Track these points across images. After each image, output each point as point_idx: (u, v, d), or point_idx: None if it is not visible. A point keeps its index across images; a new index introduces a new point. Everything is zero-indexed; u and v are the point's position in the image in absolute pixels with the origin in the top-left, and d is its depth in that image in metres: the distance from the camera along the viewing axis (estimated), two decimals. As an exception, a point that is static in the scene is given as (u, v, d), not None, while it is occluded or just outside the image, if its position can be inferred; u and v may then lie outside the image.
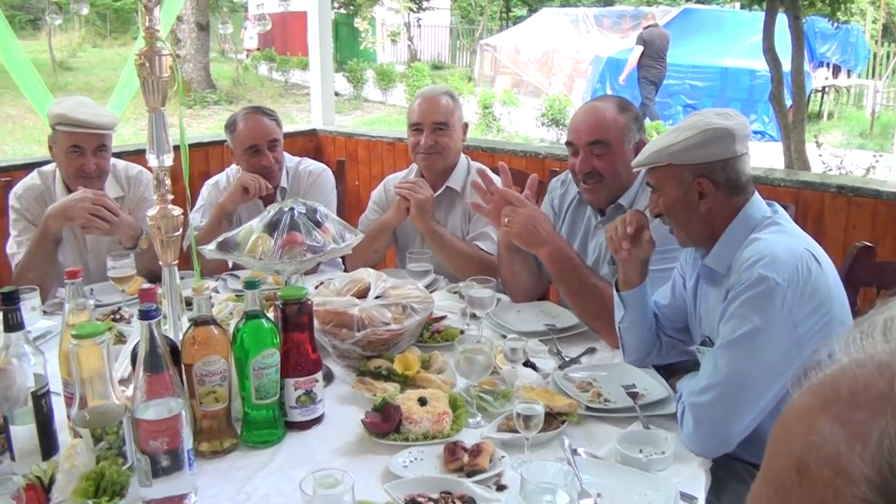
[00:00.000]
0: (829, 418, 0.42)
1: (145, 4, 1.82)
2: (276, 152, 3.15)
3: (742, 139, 1.83)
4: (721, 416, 1.65)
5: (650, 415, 1.84)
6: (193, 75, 16.58)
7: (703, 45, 14.12)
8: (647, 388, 1.95)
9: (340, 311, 2.14)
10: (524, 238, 2.39)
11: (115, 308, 2.62)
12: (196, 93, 16.36)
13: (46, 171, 3.02)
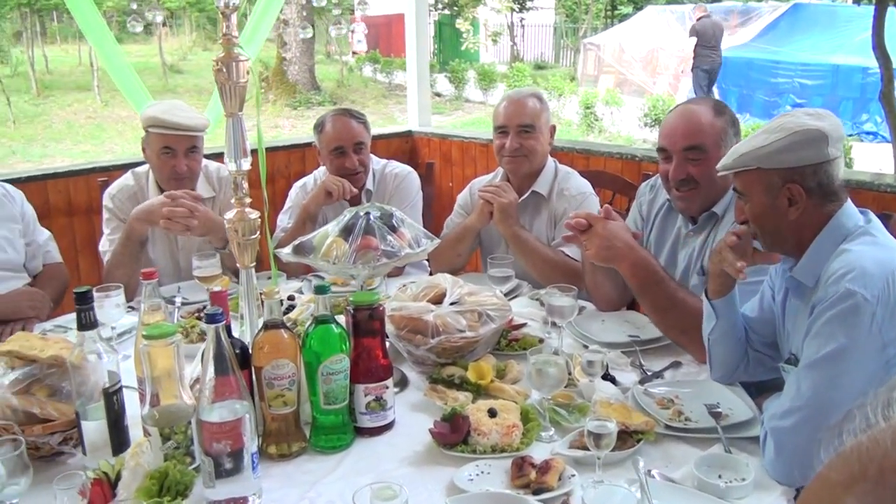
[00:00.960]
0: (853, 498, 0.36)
1: (223, 11, 1.83)
2: (361, 155, 3.15)
3: (835, 141, 1.70)
4: (804, 442, 1.53)
5: (733, 437, 1.73)
6: (298, 77, 16.98)
7: (813, 41, 13.47)
8: (732, 408, 1.84)
9: (415, 316, 2.11)
10: (602, 256, 2.30)
11: (201, 307, 2.67)
12: (301, 94, 16.75)
13: (140, 172, 3.12)
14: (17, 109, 15.54)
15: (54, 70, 20.23)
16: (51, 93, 17.87)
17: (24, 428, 1.69)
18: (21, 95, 17.12)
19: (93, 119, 15.67)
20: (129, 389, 1.84)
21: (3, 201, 2.89)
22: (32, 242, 2.95)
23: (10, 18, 19.02)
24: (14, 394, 1.75)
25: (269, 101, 16.60)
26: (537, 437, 1.77)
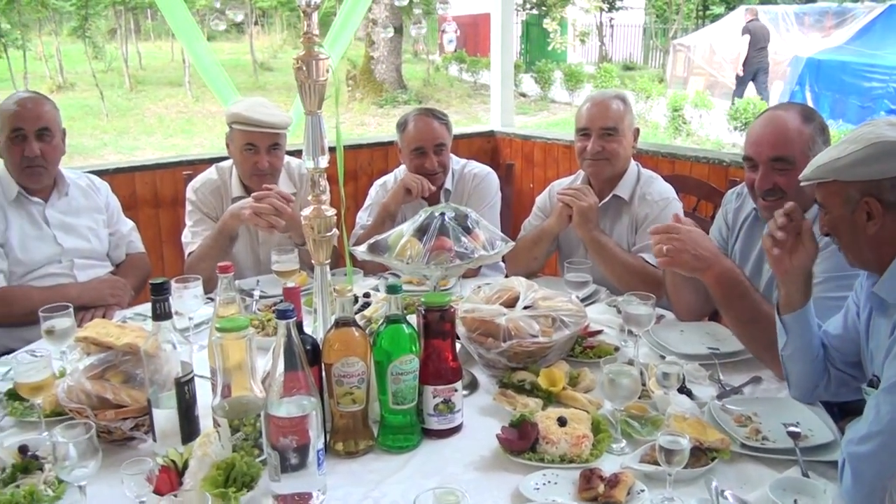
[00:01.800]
0: None
1: (304, 10, 1.84)
2: (441, 156, 3.14)
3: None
4: (883, 470, 1.43)
5: (811, 460, 1.65)
6: (385, 76, 17.15)
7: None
8: (812, 430, 1.75)
9: (487, 319, 2.08)
10: (684, 264, 2.21)
11: (278, 300, 2.70)
12: (387, 93, 16.91)
13: (223, 167, 3.18)
14: (109, 103, 16.14)
15: (147, 66, 20.95)
16: (143, 88, 18.51)
17: (98, 412, 1.74)
18: (114, 90, 17.79)
19: (184, 114, 16.17)
20: (203, 379, 1.87)
21: (88, 192, 2.99)
22: (116, 232, 3.05)
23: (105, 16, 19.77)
24: (89, 379, 1.80)
25: (356, 99, 16.83)
26: (608, 448, 1.72)
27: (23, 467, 1.67)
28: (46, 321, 2.08)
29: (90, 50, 18.55)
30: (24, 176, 2.77)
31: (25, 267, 2.77)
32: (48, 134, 2.75)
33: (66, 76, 18.27)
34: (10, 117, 2.73)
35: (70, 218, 2.90)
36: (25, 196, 2.81)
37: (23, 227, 2.79)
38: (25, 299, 2.63)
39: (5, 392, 1.96)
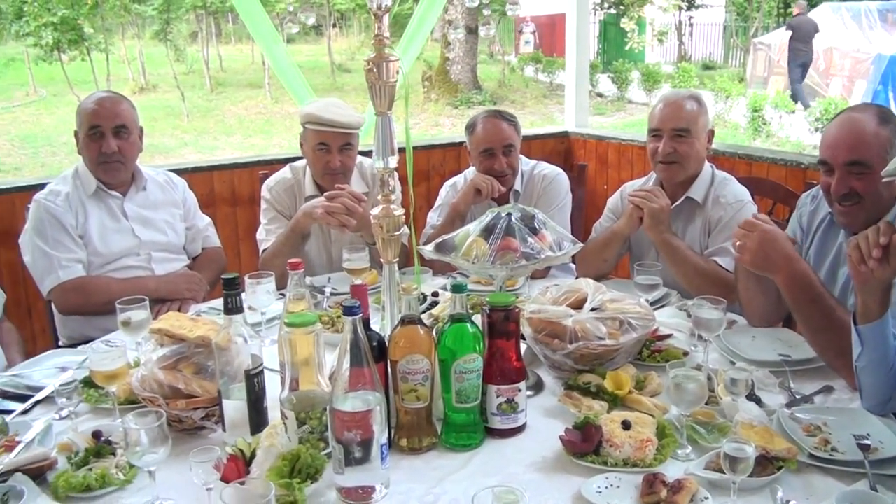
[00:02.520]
0: None
1: (375, 13, 1.87)
2: (510, 157, 3.14)
3: None
4: None
5: (881, 473, 1.59)
6: (461, 77, 17.21)
7: None
8: (883, 442, 1.68)
9: (554, 320, 2.08)
10: (757, 262, 2.16)
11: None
12: (462, 94, 16.97)
13: (297, 167, 3.25)
14: (190, 104, 16.61)
15: (228, 68, 21.48)
16: (223, 89, 18.98)
17: (170, 401, 1.80)
18: (195, 91, 18.29)
19: (263, 115, 16.53)
20: (272, 373, 1.91)
21: (166, 188, 3.10)
22: (193, 227, 3.15)
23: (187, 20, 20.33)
24: (162, 369, 1.86)
25: (431, 99, 16.94)
26: (672, 454, 1.69)
27: (95, 451, 1.74)
28: (123, 313, 2.16)
29: (172, 53, 19.11)
30: (102, 171, 2.88)
31: (104, 258, 2.88)
32: (125, 131, 2.85)
33: (149, 78, 18.89)
34: (88, 115, 2.84)
35: (148, 212, 3.01)
36: (104, 190, 2.92)
37: (102, 220, 2.90)
38: (104, 289, 2.74)
39: (81, 380, 2.05)
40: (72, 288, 2.78)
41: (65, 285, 2.77)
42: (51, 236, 2.80)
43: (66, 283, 2.77)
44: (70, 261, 2.80)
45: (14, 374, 2.21)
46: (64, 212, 2.83)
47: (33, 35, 14.17)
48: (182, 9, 18.38)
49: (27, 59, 16.77)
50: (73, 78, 14.64)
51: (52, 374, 2.15)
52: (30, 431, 1.83)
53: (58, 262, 2.77)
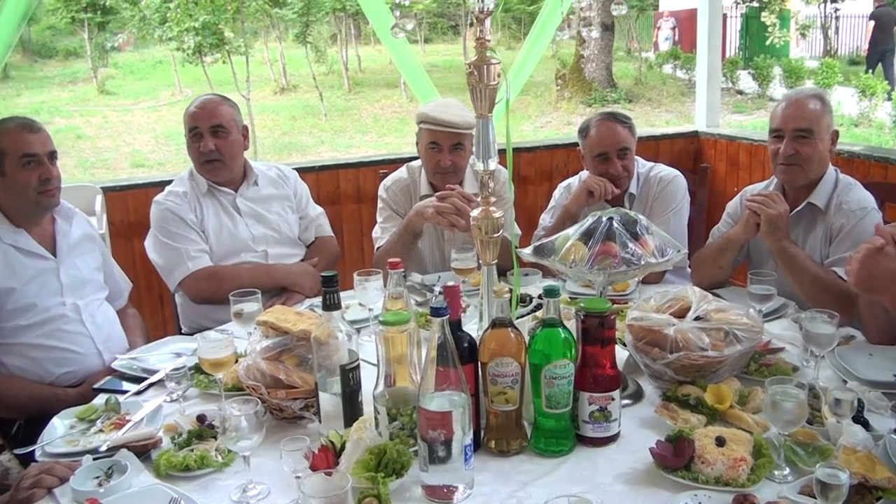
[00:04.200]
0: None
1: (476, 16, 1.87)
2: (625, 160, 3.07)
3: None
4: None
5: None
6: (595, 75, 16.93)
7: None
8: None
9: (655, 328, 2.02)
10: (860, 283, 1.98)
11: (456, 297, 2.76)
12: (596, 92, 16.69)
13: (414, 167, 3.30)
14: (328, 104, 17.13)
15: (366, 69, 22.02)
16: (361, 89, 19.47)
17: (271, 391, 1.88)
18: (334, 91, 18.85)
19: (398, 114, 16.85)
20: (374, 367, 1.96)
21: (277, 182, 3.22)
22: (305, 216, 3.25)
23: (328, 22, 20.95)
24: (265, 359, 1.95)
25: (564, 98, 16.76)
26: (768, 475, 1.62)
27: (198, 434, 1.84)
28: (236, 304, 2.28)
29: (312, 54, 19.78)
30: (205, 170, 3.02)
31: (222, 254, 3.01)
32: (222, 130, 2.96)
33: (290, 79, 19.62)
34: (189, 117, 2.99)
35: (260, 206, 3.12)
36: (216, 187, 3.06)
37: (218, 217, 3.03)
38: (234, 276, 2.85)
39: (193, 366, 2.16)
40: (204, 276, 2.91)
41: (196, 274, 2.90)
42: (175, 232, 2.95)
43: (198, 272, 2.90)
44: (198, 251, 2.94)
45: (132, 357, 2.38)
46: (184, 209, 2.98)
47: (176, 39, 14.96)
48: (321, 12, 18.97)
49: (173, 61, 17.81)
50: (215, 79, 15.42)
51: (166, 359, 2.30)
52: (140, 411, 1.96)
53: (186, 254, 2.91)
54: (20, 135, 2.50)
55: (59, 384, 2.48)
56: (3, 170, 2.48)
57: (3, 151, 2.48)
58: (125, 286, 2.96)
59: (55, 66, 23.66)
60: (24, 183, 2.49)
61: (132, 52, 23.98)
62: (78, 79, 21.01)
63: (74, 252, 2.67)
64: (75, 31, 21.58)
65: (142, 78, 21.36)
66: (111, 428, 1.90)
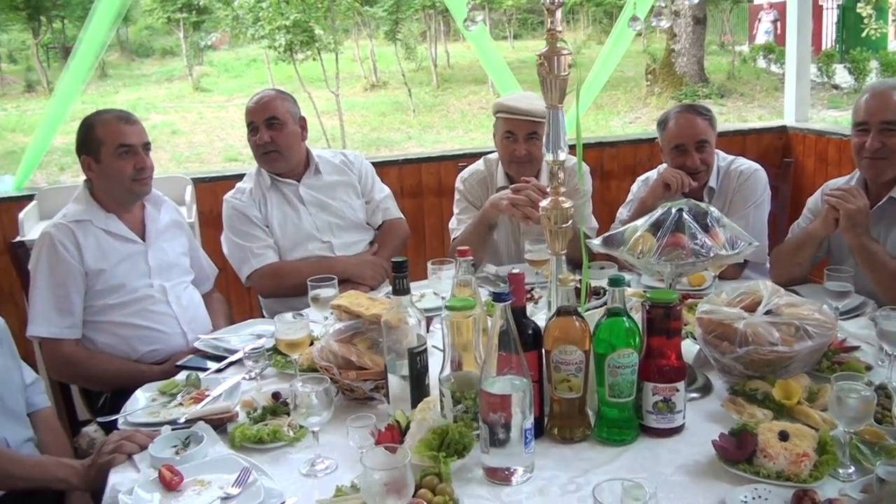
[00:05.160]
0: None
1: (548, 8, 1.90)
2: (704, 153, 3.03)
3: None
4: None
5: None
6: (686, 69, 16.60)
7: None
8: None
9: (725, 322, 2.00)
10: None
11: (529, 289, 2.79)
12: (687, 87, 16.37)
13: (491, 159, 3.33)
14: (417, 100, 17.32)
15: (455, 65, 22.14)
16: (449, 85, 19.60)
17: (343, 371, 1.95)
18: (422, 88, 19.03)
19: (485, 109, 16.89)
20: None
21: (341, 168, 3.27)
22: (371, 200, 3.30)
23: (418, 19, 21.16)
24: (337, 342, 2.02)
25: (654, 93, 16.50)
26: (832, 472, 1.59)
27: (272, 410, 1.93)
28: (313, 289, 2.36)
29: (402, 51, 20.02)
30: (264, 162, 3.11)
31: (288, 244, 3.10)
32: (277, 123, 3.04)
33: (379, 76, 19.92)
34: (246, 113, 3.10)
35: (323, 194, 3.18)
36: (279, 180, 3.14)
37: (282, 209, 3.12)
38: (295, 272, 2.94)
39: (271, 347, 2.25)
40: (266, 273, 3.02)
41: (260, 271, 3.02)
42: (240, 229, 3.06)
43: (261, 270, 3.02)
44: (262, 248, 3.05)
45: (214, 337, 2.50)
46: (248, 206, 3.08)
47: (268, 38, 15.40)
48: (411, 9, 19.19)
49: (266, 59, 18.30)
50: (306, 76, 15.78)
51: (247, 340, 2.40)
52: (218, 387, 2.06)
53: (250, 252, 3.03)
54: (117, 126, 2.65)
55: (145, 361, 2.62)
56: (100, 158, 2.63)
57: (101, 140, 2.62)
58: (211, 272, 3.10)
59: (152, 64, 24.65)
60: (119, 171, 2.63)
61: (227, 51, 24.77)
62: (174, 76, 21.84)
63: (162, 237, 2.81)
64: (171, 30, 22.47)
65: (236, 76, 22.03)
66: (190, 402, 2.01)
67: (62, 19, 21.67)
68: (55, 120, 4.32)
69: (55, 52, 22.91)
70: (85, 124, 2.68)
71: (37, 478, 1.92)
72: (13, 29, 22.09)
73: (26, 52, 22.79)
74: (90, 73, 4.31)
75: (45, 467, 1.95)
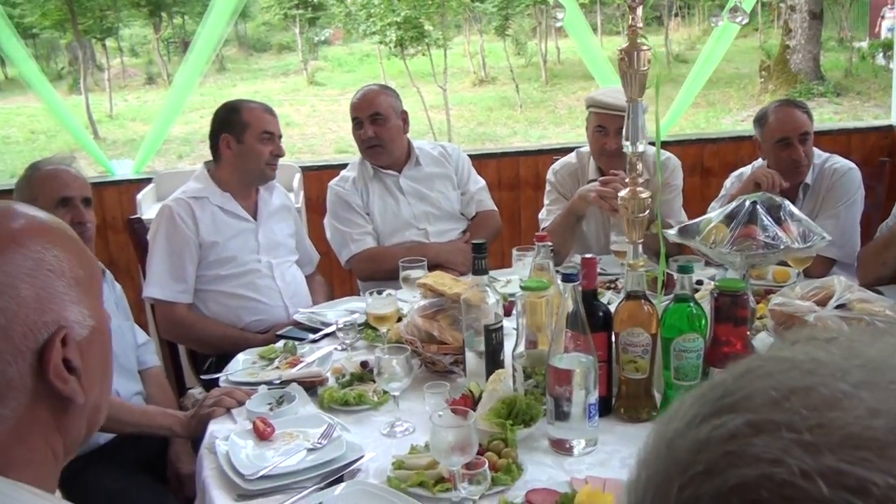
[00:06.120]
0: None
1: (629, 4, 1.99)
2: (806, 146, 3.02)
3: None
4: None
5: None
6: (801, 66, 16.00)
7: None
8: None
9: (796, 314, 2.04)
10: None
11: (613, 279, 2.87)
12: (802, 84, 15.80)
13: (583, 152, 3.42)
14: (525, 95, 17.36)
15: (565, 61, 22.02)
16: (558, 81, 19.54)
17: (425, 345, 2.10)
18: (531, 83, 19.05)
19: (592, 105, 16.84)
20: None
21: (440, 160, 3.42)
22: (466, 192, 3.44)
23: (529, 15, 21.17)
24: (421, 317, 2.17)
25: (768, 91, 16.01)
26: None
27: (359, 377, 2.11)
28: (404, 270, 2.54)
29: (511, 47, 20.09)
30: (367, 155, 3.28)
31: (386, 232, 3.27)
32: (380, 118, 3.20)
33: (488, 71, 20.04)
34: (351, 109, 3.28)
35: (422, 185, 3.34)
36: (380, 171, 3.31)
37: (382, 198, 3.30)
38: (391, 257, 3.08)
39: (363, 322, 2.44)
40: (365, 258, 3.21)
41: (358, 256, 3.21)
42: (342, 215, 3.25)
43: (360, 254, 3.20)
44: (361, 234, 3.23)
45: (313, 311, 2.70)
46: (351, 193, 3.27)
47: (379, 34, 15.81)
48: (522, 4, 19.24)
49: (379, 55, 18.73)
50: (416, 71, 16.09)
51: (341, 315, 2.59)
52: (312, 355, 2.25)
53: (350, 237, 3.22)
54: (263, 114, 2.92)
55: (249, 330, 2.85)
56: (243, 139, 2.88)
57: (247, 123, 2.87)
58: (314, 256, 3.32)
59: (269, 59, 25.57)
60: (258, 153, 2.88)
61: (341, 46, 25.44)
62: (290, 71, 22.61)
63: (273, 218, 3.04)
64: (288, 26, 23.25)
65: (349, 70, 22.61)
66: (286, 366, 2.21)
67: (182, 15, 22.75)
68: (173, 110, 4.63)
69: (175, 47, 24.09)
70: (229, 107, 2.94)
71: (144, 424, 2.17)
72: (135, 24, 23.33)
73: (147, 46, 24.07)
74: (207, 66, 4.59)
75: (152, 416, 2.20)
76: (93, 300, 0.91)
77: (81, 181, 2.42)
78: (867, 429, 0.38)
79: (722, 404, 0.43)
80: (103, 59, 20.91)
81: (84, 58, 18.33)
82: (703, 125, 14.03)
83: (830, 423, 0.39)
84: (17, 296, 0.82)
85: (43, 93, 4.38)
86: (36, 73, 4.38)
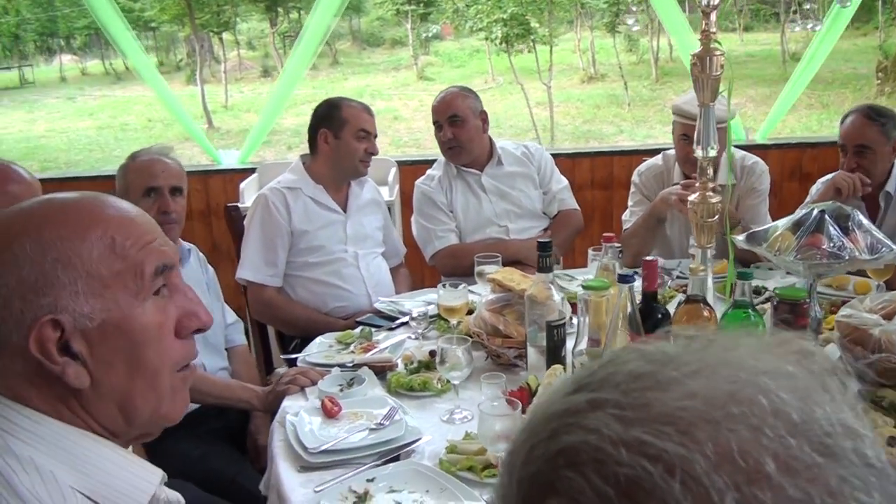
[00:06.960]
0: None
1: (703, 10, 2.02)
2: (862, 158, 2.97)
3: None
4: None
5: None
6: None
7: None
8: None
9: (861, 327, 2.03)
10: None
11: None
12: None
13: (669, 155, 3.42)
14: (633, 93, 17.12)
15: (677, 58, 21.48)
16: (669, 79, 19.16)
17: (490, 338, 2.20)
18: (640, 81, 18.76)
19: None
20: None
21: (522, 160, 3.49)
22: (549, 191, 3.50)
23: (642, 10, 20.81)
24: (488, 311, 2.27)
25: (885, 93, 15.27)
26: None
27: (426, 365, 2.22)
28: (479, 265, 2.64)
29: (623, 43, 19.82)
30: (447, 155, 3.39)
31: (469, 229, 3.38)
32: (458, 120, 3.29)
33: (598, 68, 19.84)
34: (432, 112, 3.38)
35: (503, 183, 3.42)
36: (463, 170, 3.41)
37: (465, 196, 3.40)
38: (471, 254, 3.19)
39: (437, 313, 2.54)
40: (447, 254, 3.33)
41: (441, 252, 3.33)
42: (427, 213, 3.38)
43: (442, 251, 3.33)
44: (444, 231, 3.35)
45: (393, 300, 2.84)
46: (436, 191, 3.39)
47: (485, 30, 15.95)
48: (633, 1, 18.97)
49: (487, 51, 18.82)
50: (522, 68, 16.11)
51: (418, 305, 2.71)
52: (386, 341, 2.39)
53: (434, 234, 3.35)
54: (361, 113, 3.07)
55: (333, 315, 3.01)
56: (340, 135, 3.04)
57: (346, 120, 3.04)
58: (400, 249, 3.47)
59: (381, 53, 26.08)
60: (354, 150, 3.04)
61: (452, 42, 25.69)
62: (401, 65, 23.01)
63: (362, 211, 3.19)
64: (400, 21, 23.65)
65: (459, 66, 22.83)
66: (361, 350, 2.35)
67: (298, 10, 23.47)
68: (279, 101, 4.85)
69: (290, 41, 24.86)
70: (330, 103, 3.11)
71: (226, 396, 2.36)
72: (252, 18, 24.26)
73: (264, 39, 24.97)
74: (313, 58, 4.78)
75: (233, 390, 2.39)
76: (115, 297, 0.97)
77: (172, 171, 2.50)
78: (680, 409, 0.46)
79: (581, 384, 0.51)
80: (220, 52, 21.84)
81: (201, 51, 19.18)
82: (815, 128, 13.52)
83: (651, 402, 0.47)
84: (20, 275, 0.93)
85: (153, 84, 4.67)
86: (147, 65, 4.67)
